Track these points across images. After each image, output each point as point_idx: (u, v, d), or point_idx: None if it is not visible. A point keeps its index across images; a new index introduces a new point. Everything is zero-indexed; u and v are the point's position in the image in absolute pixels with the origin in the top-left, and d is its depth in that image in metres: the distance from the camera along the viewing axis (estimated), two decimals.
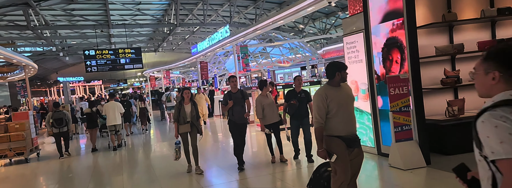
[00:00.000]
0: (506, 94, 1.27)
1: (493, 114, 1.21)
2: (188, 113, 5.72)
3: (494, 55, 1.31)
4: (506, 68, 1.27)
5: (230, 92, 5.78)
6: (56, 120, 8.29)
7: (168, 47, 34.31)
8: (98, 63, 17.56)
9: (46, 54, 30.02)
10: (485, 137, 1.21)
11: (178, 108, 5.75)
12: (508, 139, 1.16)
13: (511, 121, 1.17)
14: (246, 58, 12.40)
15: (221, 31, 12.61)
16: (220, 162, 6.79)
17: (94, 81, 45.91)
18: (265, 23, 9.05)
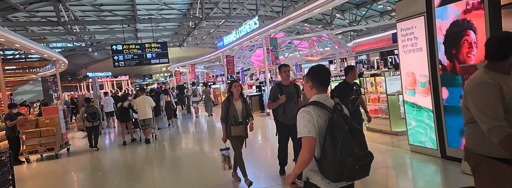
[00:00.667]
0: (314, 97, 2.12)
1: (304, 109, 2.04)
2: (239, 111, 4.75)
3: (309, 71, 2.19)
4: (314, 80, 2.13)
5: (281, 85, 4.71)
6: (90, 114, 8.63)
7: (193, 42, 34.26)
8: (125, 58, 17.61)
9: (76, 50, 30.76)
10: (298, 123, 2.03)
11: (226, 105, 4.80)
12: (307, 125, 1.98)
13: (312, 114, 1.99)
14: (276, 51, 11.84)
15: (249, 23, 12.09)
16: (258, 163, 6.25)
17: (121, 77, 46.88)
18: (299, 12, 8.42)
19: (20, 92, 27.84)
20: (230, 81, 4.98)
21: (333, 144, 1.90)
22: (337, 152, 1.87)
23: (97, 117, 8.74)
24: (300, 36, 17.86)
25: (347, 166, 1.86)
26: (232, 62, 17.40)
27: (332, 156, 1.89)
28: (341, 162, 1.86)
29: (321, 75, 2.14)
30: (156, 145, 8.93)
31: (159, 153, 8.02)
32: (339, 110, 2.02)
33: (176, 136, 10.46)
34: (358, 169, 1.88)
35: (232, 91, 4.87)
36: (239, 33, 13.59)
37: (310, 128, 1.96)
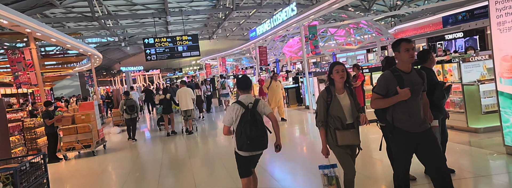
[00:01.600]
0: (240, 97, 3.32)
1: (231, 105, 3.27)
2: (347, 109, 3.10)
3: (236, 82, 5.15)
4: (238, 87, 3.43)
5: (400, 72, 2.86)
6: (129, 106, 9.10)
7: (222, 34, 33.85)
8: (157, 52, 17.49)
9: (109, 45, 31.39)
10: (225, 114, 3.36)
11: (325, 100, 3.11)
12: (229, 116, 3.20)
13: (232, 108, 3.20)
14: (315, 40, 10.96)
15: (286, 10, 11.27)
16: None
17: (153, 71, 47.64)
18: None
19: (59, 87, 28.83)
20: (332, 63, 3.29)
21: (239, 127, 3.19)
22: (240, 132, 3.17)
23: (135, 110, 9.14)
24: (337, 23, 16.74)
25: (244, 141, 3.15)
26: (265, 53, 16.68)
27: (238, 135, 3.20)
28: (242, 138, 3.17)
29: (241, 84, 3.42)
30: (197, 136, 9.22)
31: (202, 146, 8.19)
32: (251, 108, 3.21)
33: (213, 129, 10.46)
34: (250, 144, 3.16)
35: (334, 78, 3.10)
36: (274, 21, 12.80)
37: (230, 119, 3.26)
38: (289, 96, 12.60)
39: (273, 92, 9.52)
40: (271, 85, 9.56)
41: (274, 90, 9.56)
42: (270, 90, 9.56)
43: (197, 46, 17.65)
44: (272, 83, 9.59)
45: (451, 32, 14.36)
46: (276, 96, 9.53)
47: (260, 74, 16.40)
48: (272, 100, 9.55)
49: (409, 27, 17.32)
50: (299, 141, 7.81)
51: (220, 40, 40.26)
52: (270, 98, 9.60)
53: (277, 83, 9.69)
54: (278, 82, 9.74)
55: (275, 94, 9.55)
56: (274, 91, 9.55)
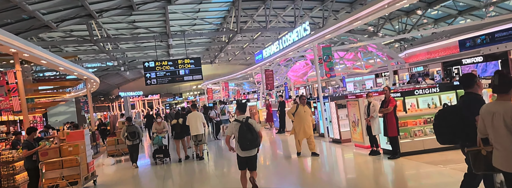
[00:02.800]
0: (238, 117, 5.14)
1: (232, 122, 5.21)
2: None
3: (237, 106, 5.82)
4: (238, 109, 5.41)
5: None
6: (130, 133, 8.90)
7: (224, 58, 33.37)
8: (157, 76, 16.75)
9: (109, 70, 30.73)
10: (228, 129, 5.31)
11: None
12: (230, 130, 5.07)
13: (233, 125, 4.99)
14: (330, 61, 10.13)
15: (298, 30, 10.53)
16: None
17: (152, 96, 46.76)
18: (370, 9, 6.74)
19: (54, 113, 27.69)
20: None
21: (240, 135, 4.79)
22: (241, 137, 4.79)
23: (136, 136, 8.97)
24: (347, 45, 16.08)
25: (245, 142, 4.75)
26: (272, 76, 15.86)
27: (241, 139, 4.79)
28: (242, 141, 4.78)
29: (240, 107, 5.30)
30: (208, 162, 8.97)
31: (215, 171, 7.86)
32: (244, 122, 4.88)
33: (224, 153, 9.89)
34: (249, 145, 4.77)
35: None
36: (283, 43, 12.05)
37: (230, 131, 5.01)
38: None
39: (300, 120, 7.64)
40: (298, 111, 7.65)
41: (302, 117, 7.62)
42: (297, 117, 7.66)
43: (200, 70, 16.92)
44: (299, 109, 7.67)
45: (469, 56, 13.59)
46: (305, 125, 7.61)
47: (267, 99, 15.46)
48: (300, 129, 7.62)
49: (421, 51, 16.64)
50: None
51: (222, 65, 39.79)
52: (297, 127, 7.67)
53: (306, 109, 7.75)
54: (306, 108, 7.79)
55: (304, 122, 7.61)
56: (302, 118, 7.62)
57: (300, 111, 7.67)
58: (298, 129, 7.67)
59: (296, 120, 7.70)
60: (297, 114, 7.68)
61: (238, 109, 5.32)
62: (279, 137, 12.22)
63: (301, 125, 7.60)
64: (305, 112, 7.69)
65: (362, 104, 7.47)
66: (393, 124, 6.08)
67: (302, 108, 7.69)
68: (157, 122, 9.56)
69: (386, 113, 6.16)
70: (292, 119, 7.81)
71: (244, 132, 4.76)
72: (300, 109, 7.68)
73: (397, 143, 6.21)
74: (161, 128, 9.38)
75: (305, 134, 7.62)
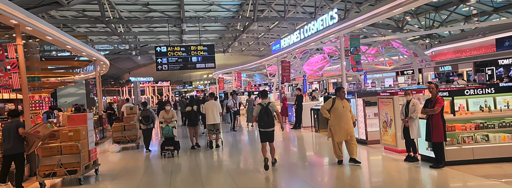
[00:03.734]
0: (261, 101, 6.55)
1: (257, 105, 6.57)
2: None
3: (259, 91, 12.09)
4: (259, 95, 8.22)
5: None
6: (144, 117, 9.09)
7: (237, 48, 32.54)
8: (169, 61, 16.08)
9: (120, 53, 30.20)
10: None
11: None
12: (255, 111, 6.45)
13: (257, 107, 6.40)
14: (357, 54, 9.24)
15: (323, 19, 9.61)
16: None
17: (162, 83, 46.33)
18: None
19: (64, 94, 27.41)
20: None
21: (259, 116, 6.19)
22: (260, 118, 6.19)
23: (150, 120, 9.09)
24: (369, 39, 15.10)
25: (262, 122, 6.19)
26: (288, 68, 15.00)
27: (259, 120, 6.23)
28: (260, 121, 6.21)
29: (262, 93, 6.74)
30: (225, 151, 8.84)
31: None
32: (265, 106, 6.19)
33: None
34: (264, 125, 6.18)
35: None
36: (305, 32, 11.15)
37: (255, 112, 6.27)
38: (320, 119, 10.73)
39: (338, 118, 6.18)
40: (335, 107, 6.20)
41: (341, 114, 6.16)
42: (333, 114, 6.22)
43: (213, 58, 16.17)
44: (336, 104, 6.20)
45: (507, 56, 12.48)
46: (345, 124, 6.16)
47: (283, 92, 14.66)
48: (339, 129, 6.15)
49: (450, 49, 15.52)
50: None
51: (234, 55, 38.99)
52: (335, 126, 6.21)
53: (345, 104, 6.27)
54: (345, 102, 6.30)
55: (343, 120, 6.15)
56: (341, 115, 6.16)
57: (337, 106, 6.19)
58: (337, 128, 6.16)
59: (333, 118, 6.22)
60: (334, 110, 6.21)
61: (261, 95, 6.88)
62: (294, 133, 11.44)
63: (339, 124, 6.15)
64: (344, 108, 6.21)
65: (398, 103, 6.62)
66: (440, 128, 5.21)
67: (340, 103, 6.22)
68: (165, 110, 8.89)
69: (431, 114, 5.30)
70: (328, 116, 6.28)
71: (262, 115, 6.26)
72: (337, 104, 6.19)
73: (443, 150, 5.35)
74: (169, 117, 8.76)
75: (344, 134, 6.15)
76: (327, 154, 8.30)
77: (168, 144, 8.22)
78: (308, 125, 11.66)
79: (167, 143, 8.25)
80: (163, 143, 8.30)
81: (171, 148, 8.26)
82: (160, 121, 8.84)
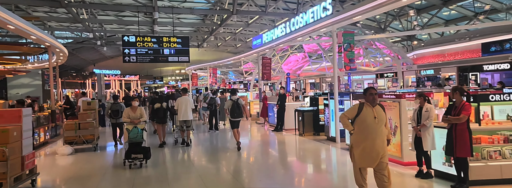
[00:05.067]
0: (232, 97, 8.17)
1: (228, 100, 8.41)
2: None
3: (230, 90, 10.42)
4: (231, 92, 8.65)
5: None
6: (113, 111, 9.04)
7: (213, 43, 31.08)
8: (138, 52, 14.55)
9: (84, 43, 27.72)
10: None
11: None
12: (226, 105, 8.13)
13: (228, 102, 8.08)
14: (351, 51, 8.33)
15: (314, 11, 8.59)
16: None
17: (130, 76, 43.73)
18: None
19: (16, 85, 24.69)
20: None
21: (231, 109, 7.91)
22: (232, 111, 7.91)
23: (120, 114, 8.69)
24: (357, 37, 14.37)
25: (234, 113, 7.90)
26: (269, 65, 13.94)
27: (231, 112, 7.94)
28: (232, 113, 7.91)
29: (232, 91, 8.52)
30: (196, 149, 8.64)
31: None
32: (236, 101, 7.90)
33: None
34: (235, 115, 7.92)
35: None
36: (291, 25, 10.10)
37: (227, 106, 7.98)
38: (305, 121, 9.74)
39: (366, 133, 4.10)
40: (363, 116, 4.11)
41: (370, 128, 4.09)
42: (358, 127, 4.15)
43: (187, 51, 14.82)
44: (364, 112, 4.11)
45: (493, 62, 12.17)
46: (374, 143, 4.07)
47: (264, 91, 13.58)
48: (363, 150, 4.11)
49: (433, 52, 15.15)
50: None
51: (209, 51, 37.45)
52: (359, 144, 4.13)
53: (377, 113, 4.11)
54: (378, 110, 4.14)
55: (371, 137, 4.08)
56: (370, 130, 4.09)
57: (365, 115, 4.06)
58: (361, 148, 4.08)
59: (357, 132, 4.13)
60: (360, 122, 4.11)
61: (231, 92, 8.51)
62: (276, 137, 10.37)
63: (365, 142, 4.06)
64: (375, 119, 4.04)
65: (405, 107, 5.71)
66: (465, 140, 4.30)
67: (369, 111, 4.06)
68: (132, 107, 7.26)
69: (455, 123, 4.40)
70: (350, 129, 4.19)
71: (234, 108, 7.91)
72: (366, 113, 4.06)
73: (467, 168, 4.43)
74: (137, 116, 7.13)
75: (374, 158, 4.06)
76: (311, 159, 7.34)
77: (135, 151, 6.52)
78: (291, 127, 10.65)
79: (134, 149, 6.56)
80: (129, 149, 6.59)
81: (140, 157, 6.53)
82: (124, 121, 7.15)
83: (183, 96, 8.78)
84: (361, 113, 4.13)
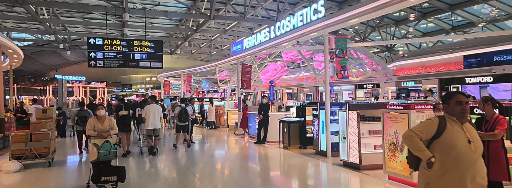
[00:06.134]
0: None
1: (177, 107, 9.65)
2: None
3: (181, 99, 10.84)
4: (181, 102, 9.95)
5: None
6: (81, 118, 8.60)
7: (186, 50, 29.93)
8: (105, 57, 13.37)
9: (45, 46, 25.55)
10: None
11: None
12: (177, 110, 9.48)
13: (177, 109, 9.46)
14: (344, 58, 7.72)
15: (303, 14, 7.94)
16: None
17: (97, 83, 41.20)
18: None
19: None
20: None
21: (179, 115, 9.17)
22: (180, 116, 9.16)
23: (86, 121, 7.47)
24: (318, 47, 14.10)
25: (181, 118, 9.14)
26: (249, 73, 13.13)
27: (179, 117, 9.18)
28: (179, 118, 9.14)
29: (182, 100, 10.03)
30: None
31: None
32: (184, 107, 9.23)
33: None
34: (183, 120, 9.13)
35: None
36: (277, 30, 9.40)
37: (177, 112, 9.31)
38: (291, 133, 8.94)
39: (456, 166, 2.50)
40: (448, 137, 2.56)
41: (463, 157, 2.50)
42: (442, 155, 2.54)
43: (160, 56, 13.80)
44: (449, 131, 2.57)
45: (475, 75, 12.12)
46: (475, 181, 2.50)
47: (246, 100, 12.70)
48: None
49: (414, 64, 15.08)
50: None
51: (182, 58, 36.23)
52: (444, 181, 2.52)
53: (470, 133, 2.59)
54: (470, 129, 2.61)
55: (467, 170, 2.50)
56: (462, 161, 2.51)
57: (454, 137, 2.54)
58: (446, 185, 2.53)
59: (441, 164, 2.53)
60: (444, 147, 2.55)
61: (181, 101, 9.89)
62: (258, 150, 9.48)
63: (459, 182, 2.50)
64: (472, 145, 2.53)
65: (415, 120, 5.07)
66: (501, 161, 3.60)
67: (459, 131, 2.57)
68: (98, 117, 5.82)
69: (487, 140, 3.73)
70: (428, 156, 2.55)
71: (182, 114, 9.16)
72: (454, 134, 2.56)
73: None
74: (105, 128, 5.73)
75: None
76: (300, 176, 6.53)
77: (106, 172, 5.19)
78: (275, 139, 9.82)
79: (104, 170, 5.23)
80: (99, 170, 5.24)
81: (113, 179, 5.14)
82: (90, 134, 5.68)
83: (152, 104, 8.54)
84: (444, 133, 2.54)
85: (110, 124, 5.83)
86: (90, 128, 5.72)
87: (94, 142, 5.36)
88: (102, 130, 5.70)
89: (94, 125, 5.75)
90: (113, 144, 5.45)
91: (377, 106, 6.35)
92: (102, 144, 5.33)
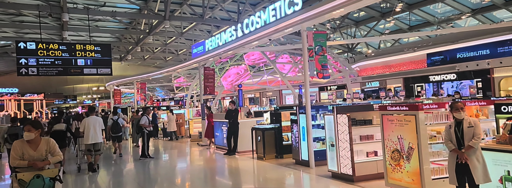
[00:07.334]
0: None
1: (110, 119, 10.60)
2: None
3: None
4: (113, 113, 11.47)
5: None
6: (11, 135, 7.48)
7: (138, 56, 27.78)
8: (39, 63, 11.51)
9: None
10: None
11: None
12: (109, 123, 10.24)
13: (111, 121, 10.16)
14: (323, 55, 6.95)
15: (276, 7, 7.08)
16: None
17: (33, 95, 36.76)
18: None
19: None
20: None
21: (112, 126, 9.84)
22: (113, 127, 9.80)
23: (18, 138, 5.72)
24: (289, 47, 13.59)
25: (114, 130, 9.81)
26: (213, 77, 11.95)
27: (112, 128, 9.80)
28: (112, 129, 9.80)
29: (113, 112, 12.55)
30: None
31: None
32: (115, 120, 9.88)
33: None
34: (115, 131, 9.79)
35: None
36: (246, 27, 8.41)
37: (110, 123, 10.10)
38: (266, 140, 7.95)
39: None
40: None
41: None
42: None
43: (109, 62, 12.21)
44: None
45: (439, 73, 12.18)
46: None
47: (209, 107, 11.46)
48: None
49: (377, 64, 14.99)
50: None
51: (132, 65, 33.67)
52: None
53: None
54: None
55: None
56: None
57: None
58: None
59: None
60: None
61: (113, 113, 11.35)
62: (228, 162, 8.35)
63: None
64: None
65: (423, 122, 4.36)
66: None
67: None
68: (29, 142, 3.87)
69: None
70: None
71: (115, 125, 9.72)
72: None
73: None
74: (40, 156, 3.87)
75: None
76: None
77: None
78: (247, 149, 8.76)
79: None
80: None
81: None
82: (16, 165, 3.81)
83: (91, 116, 7.81)
84: None
85: (48, 148, 3.96)
86: (16, 156, 3.81)
87: (20, 179, 3.64)
88: (35, 158, 3.84)
89: (22, 151, 3.84)
90: (49, 178, 3.71)
91: (369, 107, 5.61)
92: (31, 181, 3.63)
